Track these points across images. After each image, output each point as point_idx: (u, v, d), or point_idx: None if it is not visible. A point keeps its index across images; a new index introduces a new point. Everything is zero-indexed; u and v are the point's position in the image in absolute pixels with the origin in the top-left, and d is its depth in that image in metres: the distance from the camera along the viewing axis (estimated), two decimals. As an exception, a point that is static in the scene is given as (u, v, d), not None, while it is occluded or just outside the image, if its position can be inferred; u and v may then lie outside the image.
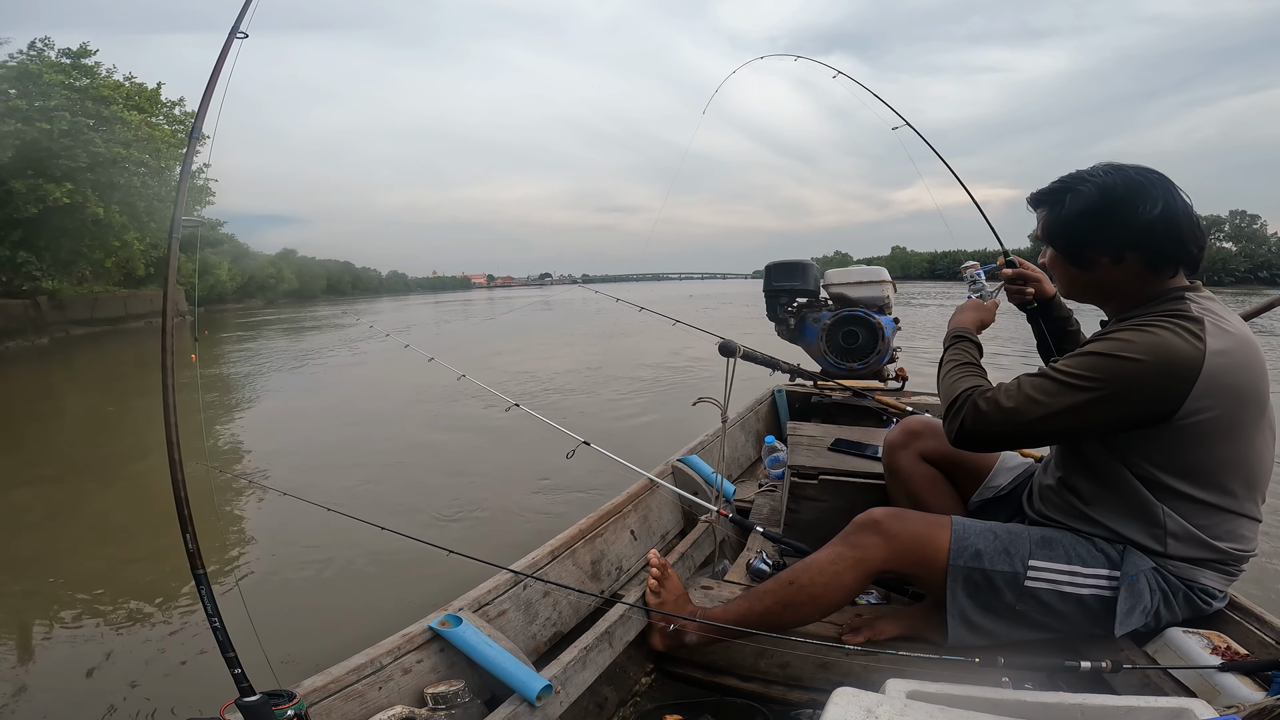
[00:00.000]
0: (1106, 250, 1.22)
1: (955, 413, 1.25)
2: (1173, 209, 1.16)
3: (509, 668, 1.27)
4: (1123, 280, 1.23)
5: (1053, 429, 1.18)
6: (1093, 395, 1.12)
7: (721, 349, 1.84)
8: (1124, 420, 1.14)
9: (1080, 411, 1.14)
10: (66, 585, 3.25)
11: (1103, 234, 1.20)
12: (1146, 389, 1.10)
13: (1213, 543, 1.21)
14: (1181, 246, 1.18)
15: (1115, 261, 1.22)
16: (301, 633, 2.69)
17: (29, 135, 16.77)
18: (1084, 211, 1.21)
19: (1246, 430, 1.15)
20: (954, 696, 0.95)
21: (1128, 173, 1.20)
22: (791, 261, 3.65)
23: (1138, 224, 1.17)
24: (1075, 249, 1.26)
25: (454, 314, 31.19)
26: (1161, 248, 1.18)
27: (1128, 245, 1.19)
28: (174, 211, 1.07)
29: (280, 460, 5.56)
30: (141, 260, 22.59)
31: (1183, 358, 1.09)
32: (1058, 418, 1.15)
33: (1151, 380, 1.10)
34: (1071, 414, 1.14)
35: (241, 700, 0.92)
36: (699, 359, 10.01)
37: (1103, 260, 1.23)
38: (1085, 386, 1.13)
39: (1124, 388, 1.11)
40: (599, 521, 1.96)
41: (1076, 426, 1.17)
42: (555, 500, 4.22)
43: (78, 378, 12.93)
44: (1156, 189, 1.16)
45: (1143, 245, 1.19)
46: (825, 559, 1.39)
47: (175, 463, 1.04)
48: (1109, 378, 1.11)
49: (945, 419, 1.29)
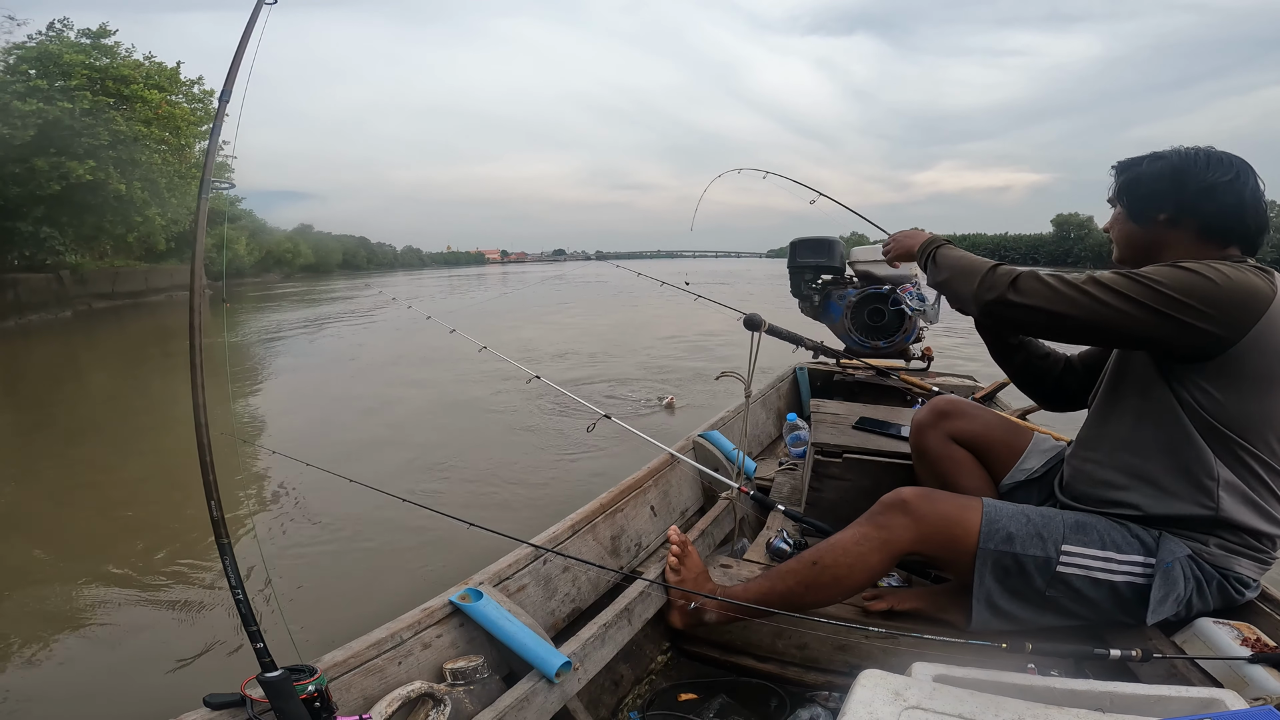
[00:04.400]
0: (1166, 207, 1.23)
1: (995, 280, 1.20)
2: (1242, 183, 1.18)
3: (528, 643, 1.26)
4: (1175, 244, 1.23)
5: (1103, 321, 1.13)
6: (1164, 296, 1.09)
7: (746, 323, 1.80)
8: (1183, 334, 1.11)
9: (1143, 310, 1.10)
10: (88, 558, 3.31)
11: (1166, 191, 1.23)
12: (1218, 305, 1.09)
13: (1259, 501, 1.18)
14: (1239, 220, 1.19)
15: (1171, 223, 1.23)
16: (322, 606, 2.73)
17: (51, 114, 16.94)
18: (1158, 170, 1.25)
19: None
20: (982, 681, 0.93)
21: (1213, 149, 1.23)
22: (817, 238, 3.59)
23: (1200, 187, 1.19)
24: (1139, 205, 1.28)
25: (470, 287, 31.29)
26: (1219, 216, 1.20)
27: (1187, 208, 1.21)
28: (203, 174, 1.07)
29: (301, 432, 5.64)
30: (162, 235, 22.82)
31: (1257, 287, 1.10)
32: (1116, 309, 1.11)
33: (1224, 299, 1.09)
34: (1134, 308, 1.10)
35: (263, 676, 0.92)
36: (712, 333, 9.99)
37: (1160, 218, 1.24)
38: (1156, 288, 1.10)
39: (1197, 299, 1.09)
40: (619, 496, 1.95)
41: (1127, 328, 1.13)
42: (573, 474, 4.24)
43: (100, 350, 13.15)
44: (1234, 163, 1.20)
45: (1201, 210, 1.20)
46: (850, 539, 1.36)
47: (201, 426, 1.03)
48: (1182, 287, 1.09)
49: (978, 282, 1.23)
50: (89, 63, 19.71)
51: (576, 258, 41.32)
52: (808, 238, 3.62)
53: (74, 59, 19.10)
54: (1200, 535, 1.22)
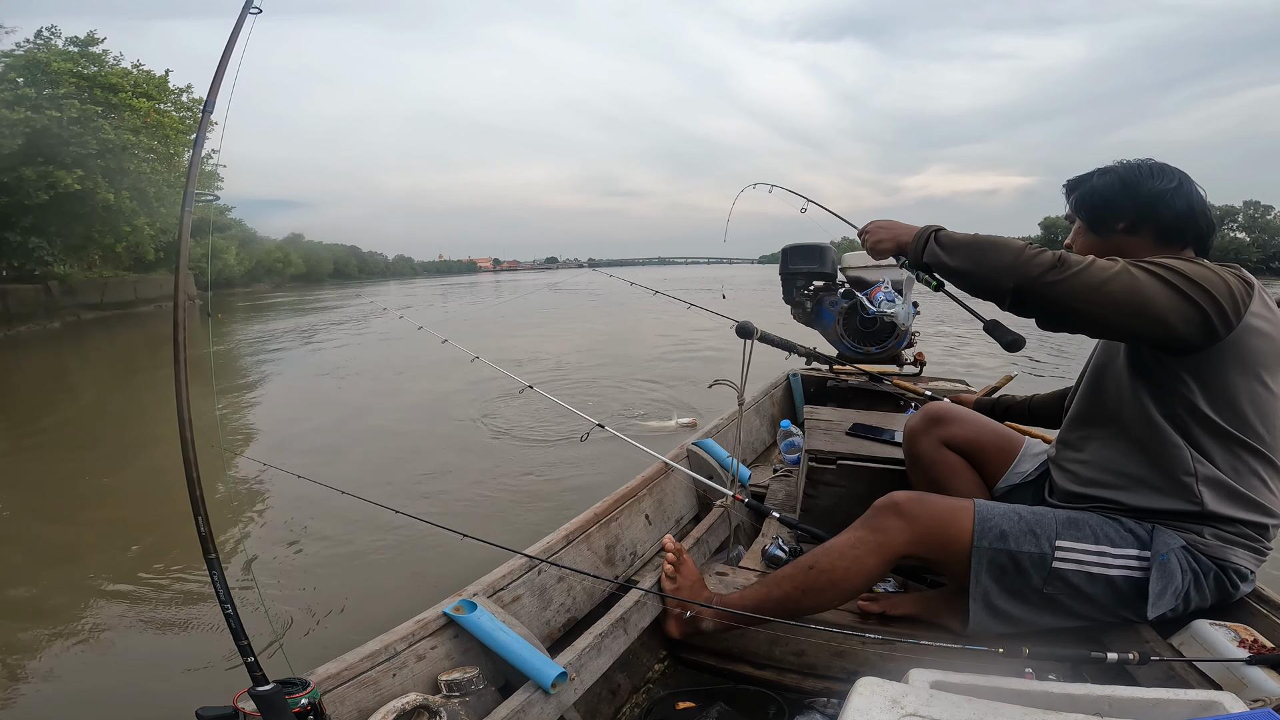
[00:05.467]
0: (1123, 215, 1.30)
1: (1038, 252, 1.17)
2: (1187, 189, 1.27)
3: (524, 654, 1.25)
4: (1135, 250, 1.27)
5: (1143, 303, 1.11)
6: (1189, 280, 1.11)
7: (739, 330, 1.80)
8: (1195, 322, 1.12)
9: (1175, 292, 1.11)
10: (77, 571, 3.28)
11: (1122, 202, 1.30)
12: (1224, 296, 1.12)
13: (1244, 492, 1.19)
14: (1193, 222, 1.27)
15: (1130, 229, 1.30)
16: (315, 618, 2.70)
17: (39, 123, 16.89)
18: (1108, 183, 1.32)
19: None
20: (979, 687, 0.92)
21: (1154, 161, 1.32)
22: (809, 244, 3.59)
23: (1152, 194, 1.27)
24: (1097, 216, 1.34)
25: (462, 296, 31.25)
26: (1173, 220, 1.27)
27: (1143, 215, 1.28)
28: (186, 186, 1.06)
29: (291, 443, 5.58)
30: (151, 245, 22.75)
31: (1245, 280, 1.17)
32: (1160, 290, 1.11)
33: (1226, 291, 1.13)
34: (1168, 290, 1.11)
35: (255, 689, 0.90)
36: (701, 331, 10.02)
37: (1119, 227, 1.31)
38: (1182, 272, 1.12)
39: (1212, 288, 1.12)
40: (613, 506, 1.94)
41: (1161, 311, 1.11)
42: (567, 484, 4.22)
43: (89, 360, 13.04)
44: (1175, 173, 1.29)
45: (1156, 216, 1.27)
46: (846, 543, 1.36)
47: (187, 442, 1.02)
48: (1199, 275, 1.12)
49: (1016, 257, 1.18)
50: (77, 71, 19.69)
51: (569, 265, 41.26)
52: (800, 244, 3.62)
53: (62, 67, 19.08)
54: (1193, 527, 1.23)
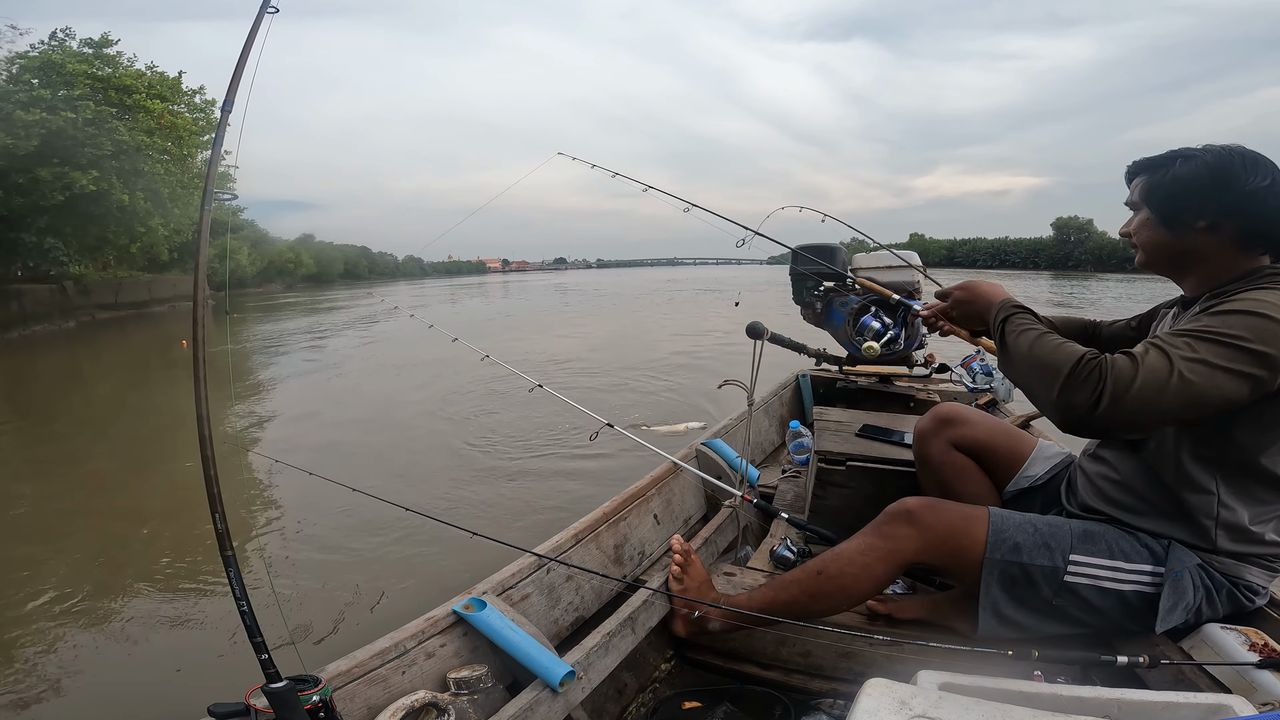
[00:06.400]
0: (1206, 213, 1.15)
1: (1081, 380, 1.03)
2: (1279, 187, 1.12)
3: (532, 653, 1.26)
4: (1212, 251, 1.17)
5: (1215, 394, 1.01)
6: (1251, 353, 1.00)
7: (749, 330, 1.80)
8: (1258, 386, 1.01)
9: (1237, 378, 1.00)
10: (94, 567, 3.31)
11: (1207, 197, 1.15)
12: None
13: (1258, 534, 1.17)
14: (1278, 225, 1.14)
15: (1211, 229, 1.16)
16: (325, 615, 2.72)
17: (54, 124, 17.05)
18: (1194, 173, 1.16)
19: None
20: (988, 689, 0.92)
21: (1243, 148, 1.16)
22: (820, 244, 3.58)
23: (1244, 191, 1.12)
24: (1173, 210, 1.19)
25: (471, 295, 31.34)
26: (1262, 225, 1.14)
27: (1229, 213, 1.14)
28: (205, 184, 1.07)
29: (305, 441, 5.63)
30: (165, 246, 22.93)
31: None
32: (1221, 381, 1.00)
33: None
34: (1232, 379, 1.00)
35: (268, 686, 0.91)
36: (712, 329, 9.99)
37: (1199, 224, 1.16)
38: (1244, 346, 1.00)
39: (1269, 353, 1.00)
40: (622, 505, 1.95)
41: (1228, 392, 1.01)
42: (576, 483, 4.23)
43: (104, 360, 13.17)
44: (1267, 166, 1.13)
45: (1244, 215, 1.13)
46: (855, 549, 1.35)
47: (205, 438, 1.03)
48: (1261, 336, 1.00)
49: (1058, 392, 1.06)
50: (91, 72, 19.84)
51: (578, 266, 41.28)
52: (810, 244, 3.61)
53: (76, 69, 19.24)
54: (1204, 553, 1.21)
